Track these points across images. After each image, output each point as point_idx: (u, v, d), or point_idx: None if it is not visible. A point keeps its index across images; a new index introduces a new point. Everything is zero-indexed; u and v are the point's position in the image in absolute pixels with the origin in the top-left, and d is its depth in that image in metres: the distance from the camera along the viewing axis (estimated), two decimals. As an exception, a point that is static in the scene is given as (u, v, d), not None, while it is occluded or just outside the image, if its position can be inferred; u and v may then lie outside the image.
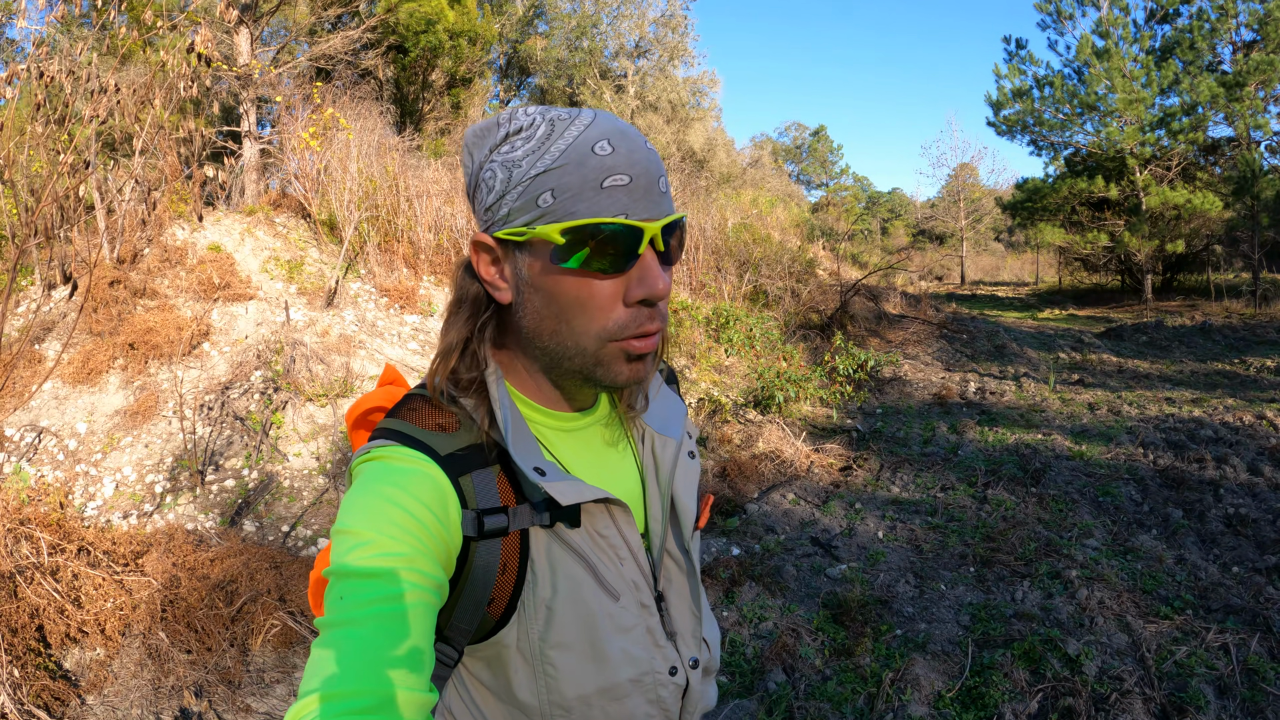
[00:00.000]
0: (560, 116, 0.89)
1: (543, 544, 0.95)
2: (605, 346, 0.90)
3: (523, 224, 0.88)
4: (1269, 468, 6.14)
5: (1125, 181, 25.16)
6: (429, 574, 0.83)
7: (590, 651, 0.95)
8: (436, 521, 0.86)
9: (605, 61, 27.08)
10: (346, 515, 0.84)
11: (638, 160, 0.87)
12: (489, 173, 0.91)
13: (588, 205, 0.85)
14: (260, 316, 7.35)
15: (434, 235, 10.05)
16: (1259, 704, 3.16)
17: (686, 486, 1.07)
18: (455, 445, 0.92)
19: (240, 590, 3.70)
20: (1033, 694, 3.23)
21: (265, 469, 5.80)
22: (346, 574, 0.80)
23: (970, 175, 45.57)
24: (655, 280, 0.88)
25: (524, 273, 0.91)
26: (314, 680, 0.73)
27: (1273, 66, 21.87)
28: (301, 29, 12.93)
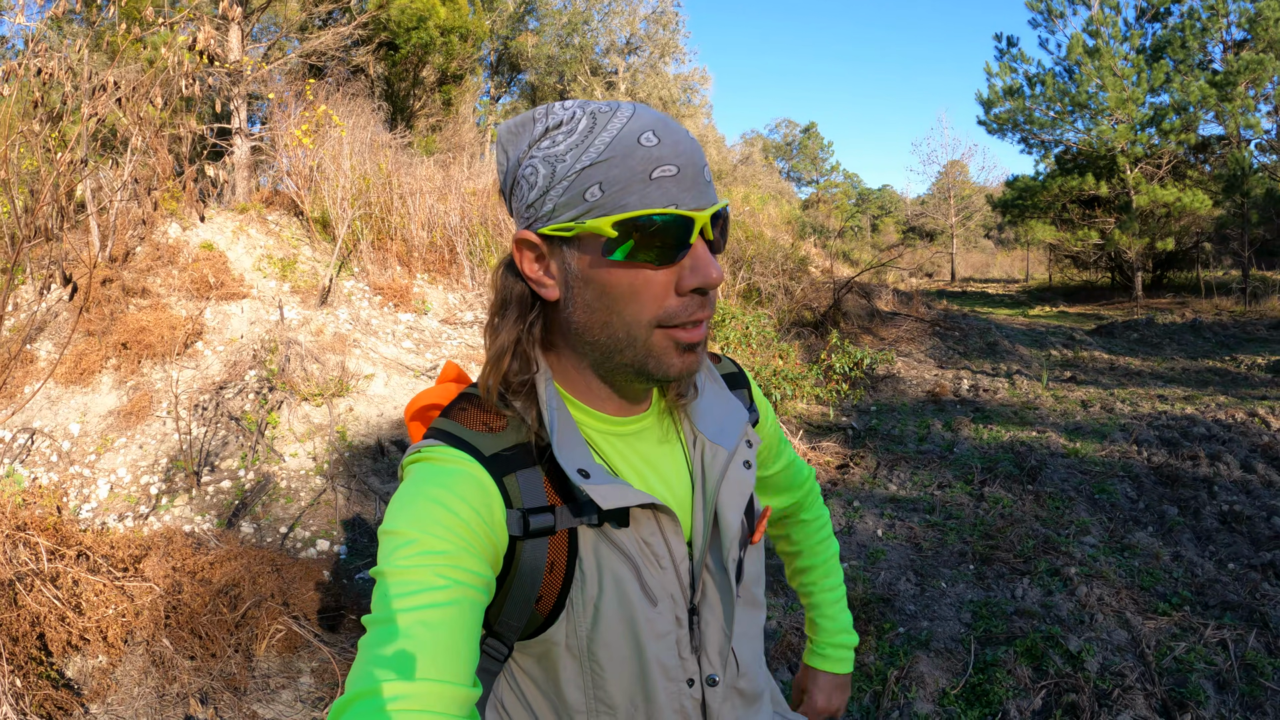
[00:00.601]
0: (601, 109, 0.88)
1: (590, 543, 0.95)
2: (655, 335, 0.90)
3: (570, 219, 0.88)
4: (1262, 465, 6.17)
5: (1116, 179, 25.25)
6: (474, 571, 0.84)
7: (634, 653, 0.97)
8: (480, 520, 0.87)
9: (596, 58, 27.07)
10: (392, 516, 0.86)
11: (683, 150, 0.87)
12: (529, 169, 0.90)
13: (638, 197, 0.85)
14: (254, 315, 7.32)
15: (427, 233, 10.02)
16: (1258, 699, 3.18)
17: (733, 499, 1.03)
18: (501, 445, 0.93)
19: (244, 595, 3.68)
20: (1036, 690, 3.24)
21: (261, 470, 5.77)
22: (392, 573, 0.82)
23: (960, 172, 45.72)
24: (709, 268, 0.88)
25: (573, 267, 0.91)
26: (357, 674, 0.76)
27: (1263, 66, 21.99)
28: (292, 25, 12.86)
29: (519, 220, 0.95)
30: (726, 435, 1.05)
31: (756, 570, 1.11)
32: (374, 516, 5.39)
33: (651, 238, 0.85)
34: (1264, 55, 22.31)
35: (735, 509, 1.02)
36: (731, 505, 1.02)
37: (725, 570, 1.02)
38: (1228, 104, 22.97)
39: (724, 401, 1.10)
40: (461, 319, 9.29)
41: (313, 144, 9.34)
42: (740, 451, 1.06)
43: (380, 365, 7.35)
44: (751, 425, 1.15)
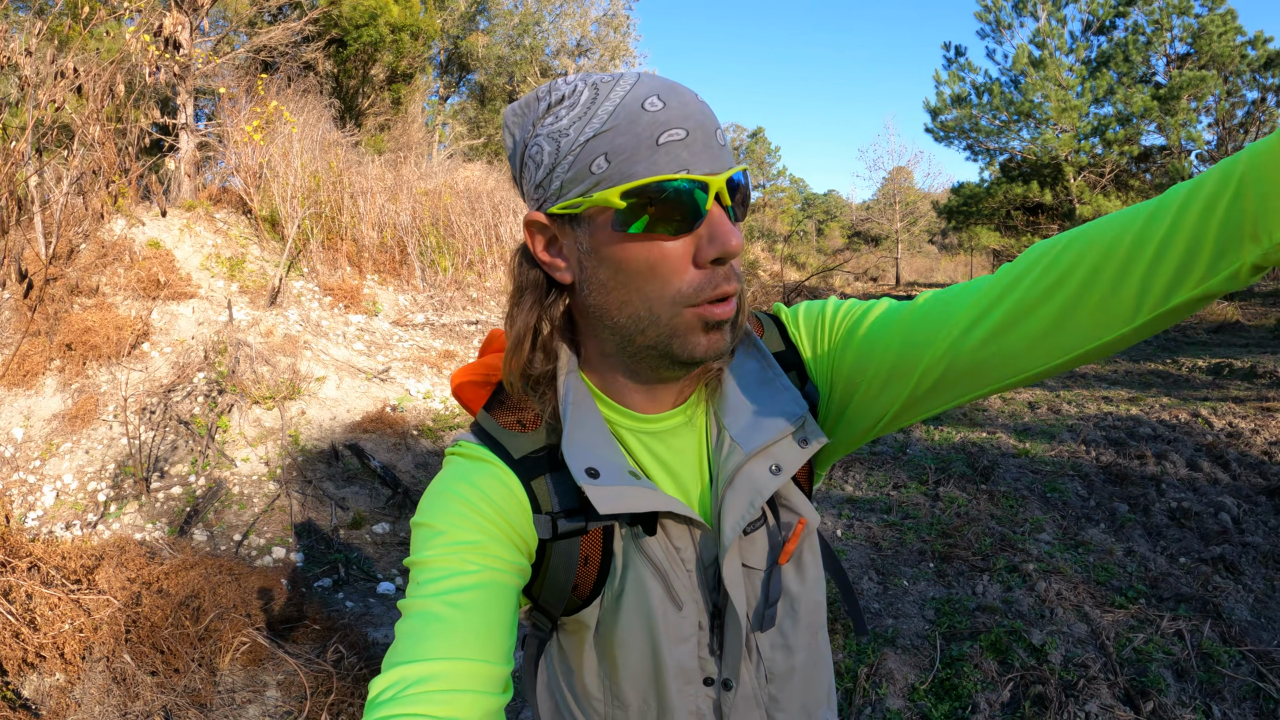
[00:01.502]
0: (603, 79, 0.84)
1: (623, 541, 0.94)
2: (681, 313, 0.85)
3: (578, 195, 0.84)
4: (1207, 463, 6.36)
5: (1060, 187, 25.92)
6: (503, 557, 0.86)
7: (649, 657, 0.95)
8: (506, 520, 0.88)
9: (546, 60, 26.95)
10: (423, 510, 0.88)
11: (691, 113, 0.82)
12: (535, 148, 0.87)
13: (645, 165, 0.80)
14: (202, 316, 7.15)
15: (378, 233, 9.90)
16: (1216, 686, 3.28)
17: (737, 506, 0.93)
18: (532, 446, 0.93)
19: (205, 607, 3.57)
20: (1004, 683, 3.29)
21: (213, 475, 5.63)
22: (423, 562, 0.84)
23: (906, 179, 46.39)
24: (728, 235, 0.83)
25: (585, 246, 0.87)
26: (393, 657, 0.78)
27: (1205, 81, 22.79)
28: (242, 20, 12.60)
29: (530, 203, 0.91)
30: (754, 433, 0.94)
31: (806, 583, 1.03)
32: (329, 523, 5.29)
33: (663, 206, 0.81)
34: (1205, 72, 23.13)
35: (736, 518, 0.93)
36: (734, 513, 0.93)
37: (736, 583, 0.96)
38: (1170, 116, 23.75)
39: (771, 391, 0.97)
40: (413, 321, 9.19)
41: (263, 140, 9.16)
42: (769, 453, 0.94)
43: (332, 367, 7.23)
44: (812, 415, 0.99)
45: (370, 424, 6.56)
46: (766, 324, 1.06)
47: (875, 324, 0.96)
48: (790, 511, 1.00)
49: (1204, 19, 24.39)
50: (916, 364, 0.90)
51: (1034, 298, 0.79)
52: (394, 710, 0.73)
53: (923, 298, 0.93)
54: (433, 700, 0.74)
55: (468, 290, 10.41)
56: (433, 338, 8.94)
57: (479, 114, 26.04)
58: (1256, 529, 5.05)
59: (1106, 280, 0.74)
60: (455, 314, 9.76)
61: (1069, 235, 0.79)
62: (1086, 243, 0.77)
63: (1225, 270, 0.67)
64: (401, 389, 7.35)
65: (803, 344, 1.04)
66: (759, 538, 0.98)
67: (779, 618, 1.01)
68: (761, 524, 0.98)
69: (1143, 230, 0.72)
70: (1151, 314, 0.73)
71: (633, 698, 0.98)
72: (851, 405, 0.99)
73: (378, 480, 5.86)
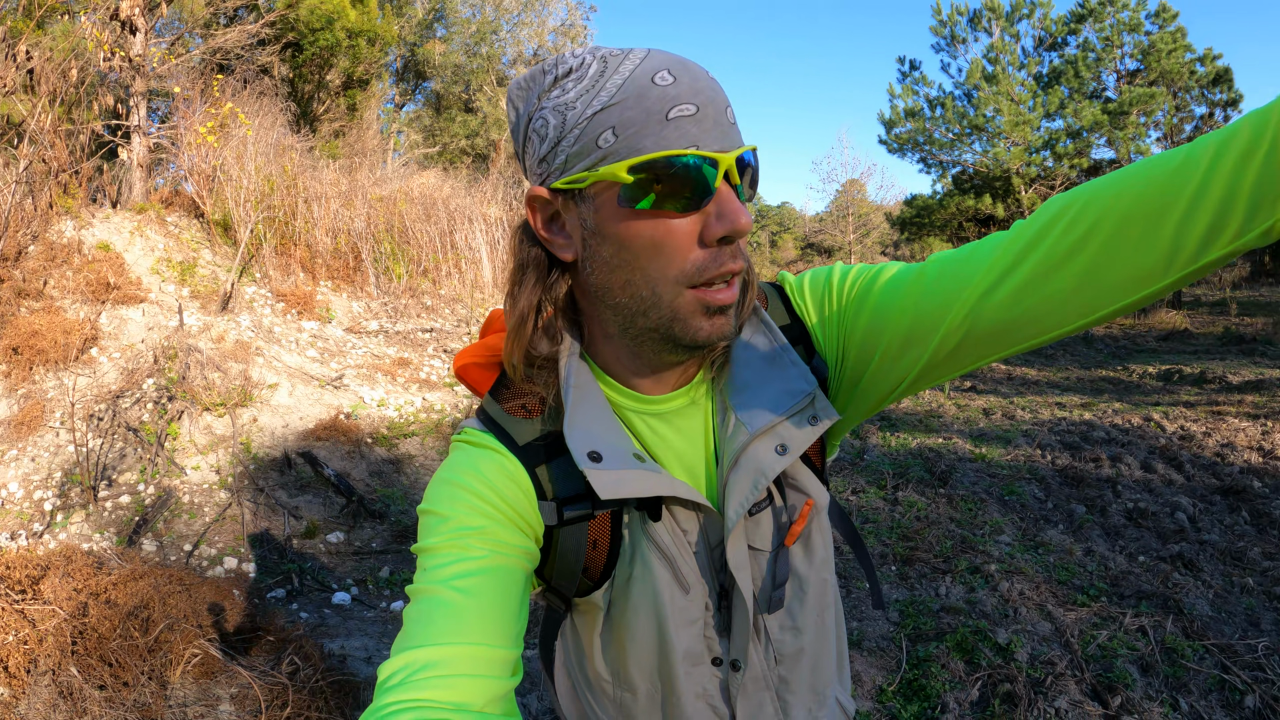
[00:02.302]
0: (612, 53, 0.82)
1: (632, 524, 0.94)
2: (683, 294, 0.83)
3: (583, 169, 0.81)
4: (1161, 465, 6.47)
5: (1011, 200, 26.44)
6: (510, 542, 0.86)
7: (656, 640, 0.96)
8: (511, 507, 0.88)
9: (503, 69, 26.88)
10: (429, 497, 0.88)
11: (702, 89, 0.80)
12: (539, 121, 0.84)
13: (654, 140, 0.78)
14: (152, 321, 6.96)
15: (332, 239, 9.75)
16: (1181, 679, 3.32)
17: (741, 486, 0.91)
18: (536, 432, 0.92)
19: (155, 618, 3.43)
20: (972, 682, 3.29)
21: (162, 484, 5.47)
22: (429, 549, 0.84)
23: (859, 191, 46.96)
24: (736, 213, 0.80)
25: (589, 222, 0.84)
26: (402, 641, 0.78)
27: (1154, 97, 23.42)
28: (197, 21, 12.38)
29: (532, 178, 0.89)
30: (760, 412, 0.92)
31: (814, 564, 1.02)
32: (282, 532, 5.16)
33: (671, 182, 0.78)
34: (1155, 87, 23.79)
35: (740, 499, 0.91)
36: (738, 494, 0.91)
37: (741, 565, 0.94)
38: (1119, 130, 24.37)
39: (778, 369, 0.94)
40: (366, 328, 9.05)
41: (218, 143, 8.98)
42: (775, 433, 0.92)
43: (284, 374, 7.09)
44: (822, 390, 0.96)
45: (324, 432, 6.43)
46: (770, 296, 1.03)
47: (887, 288, 0.92)
48: (798, 492, 0.98)
49: (1154, 36, 25.14)
50: (936, 328, 0.86)
51: (1060, 254, 0.76)
52: (402, 695, 0.73)
53: (934, 259, 0.89)
54: (440, 685, 0.74)
55: (422, 298, 10.29)
56: (387, 345, 8.81)
57: (434, 122, 25.87)
58: (1212, 527, 5.14)
59: (1136, 234, 0.71)
60: (410, 321, 9.63)
61: (1091, 187, 0.76)
62: (1113, 195, 0.73)
63: (1260, 226, 0.65)
64: (355, 396, 7.23)
65: (808, 314, 1.01)
66: (764, 519, 0.97)
67: (787, 599, 1.00)
68: (767, 505, 0.97)
69: (1172, 183, 0.68)
70: (1183, 271, 0.71)
71: (640, 681, 0.99)
72: (867, 374, 0.96)
73: (331, 489, 5.73)
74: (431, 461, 6.60)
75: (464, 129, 24.97)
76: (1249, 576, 4.38)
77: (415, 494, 6.04)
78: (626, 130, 0.78)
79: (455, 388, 8.03)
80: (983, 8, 26.79)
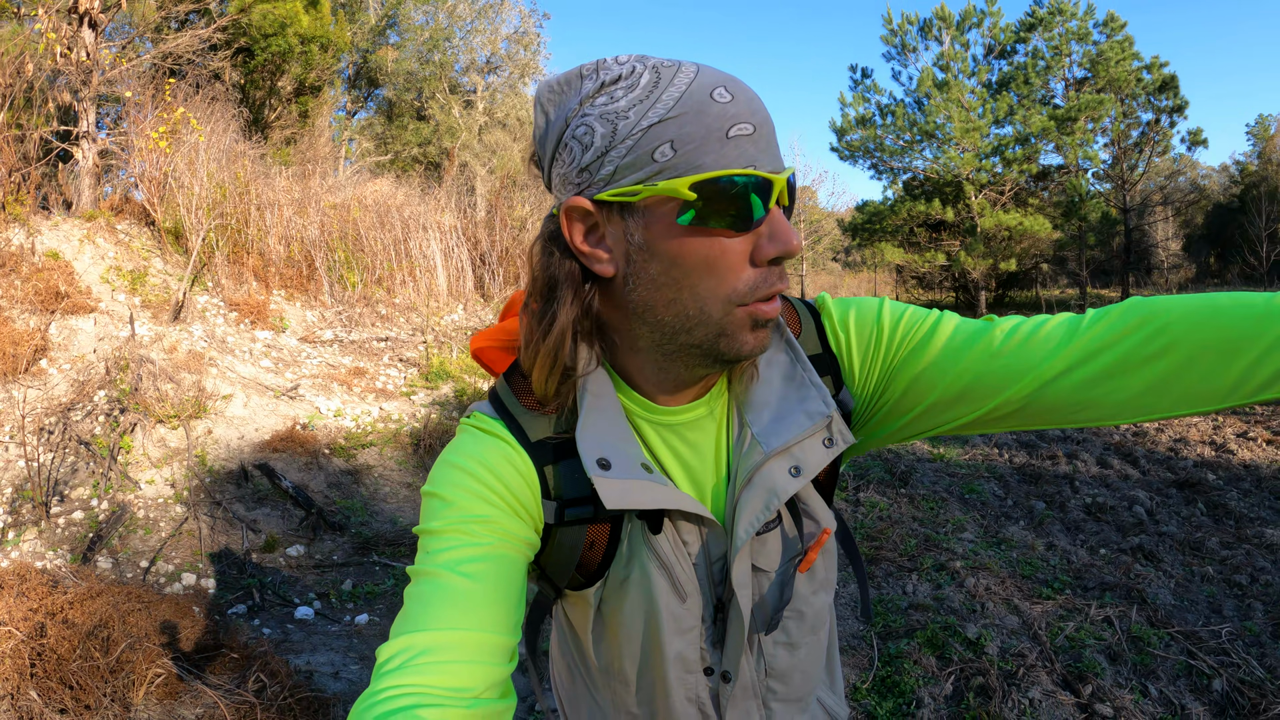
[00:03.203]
0: (664, 64, 0.80)
1: (630, 530, 0.93)
2: (732, 312, 0.82)
3: (636, 181, 0.78)
4: (1117, 460, 6.62)
5: (961, 205, 26.91)
6: (513, 531, 0.86)
7: (650, 643, 0.96)
8: (516, 498, 0.88)
9: (455, 76, 26.76)
10: (435, 480, 0.88)
11: (757, 109, 0.79)
12: (582, 128, 0.80)
13: (714, 157, 0.76)
14: (103, 331, 6.78)
15: (285, 247, 9.60)
16: (1149, 666, 3.41)
17: (753, 507, 0.91)
18: (549, 430, 0.91)
19: (115, 637, 3.32)
20: (945, 677, 3.32)
21: (116, 498, 5.31)
22: (432, 532, 0.84)
23: (810, 198, 47.49)
24: (789, 235, 0.80)
25: (636, 238, 0.81)
26: (401, 625, 0.78)
27: (1101, 104, 24.01)
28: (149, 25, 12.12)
29: (565, 187, 0.84)
30: (777, 431, 0.91)
31: (815, 588, 1.02)
32: (241, 546, 5.05)
33: (730, 202, 0.77)
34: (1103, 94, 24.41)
35: (750, 520, 0.91)
36: (748, 514, 0.90)
37: (744, 584, 0.94)
38: (1067, 136, 24.97)
39: (798, 389, 0.93)
40: (321, 337, 8.92)
41: (169, 149, 8.79)
42: (790, 454, 0.91)
43: (239, 385, 6.95)
44: (844, 411, 0.96)
45: (280, 443, 6.31)
46: (804, 318, 1.01)
47: (950, 345, 0.92)
48: (810, 519, 0.99)
49: (1102, 45, 25.85)
50: (996, 394, 0.88)
51: (1136, 361, 0.81)
52: (400, 679, 0.73)
53: (1001, 325, 0.91)
54: (439, 670, 0.74)
55: (377, 306, 10.17)
56: (342, 354, 8.69)
57: (386, 130, 25.65)
58: (1170, 519, 5.25)
59: (1209, 363, 0.78)
60: (364, 330, 9.51)
61: (1179, 305, 0.82)
62: (1197, 322, 0.79)
63: None
64: (311, 407, 7.11)
65: (847, 353, 0.99)
66: (771, 539, 0.96)
67: (785, 620, 1.01)
68: (775, 525, 0.96)
69: (1254, 329, 0.76)
70: (1243, 400, 0.78)
71: (633, 676, 1.00)
72: (905, 418, 0.97)
73: (290, 501, 5.63)
74: (390, 472, 6.51)
75: (416, 137, 24.80)
76: (1208, 565, 4.50)
77: (375, 505, 5.95)
78: (686, 145, 0.76)
79: (412, 397, 7.94)
80: (933, 17, 27.31)
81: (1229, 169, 46.21)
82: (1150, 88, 26.36)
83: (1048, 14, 26.76)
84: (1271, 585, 4.19)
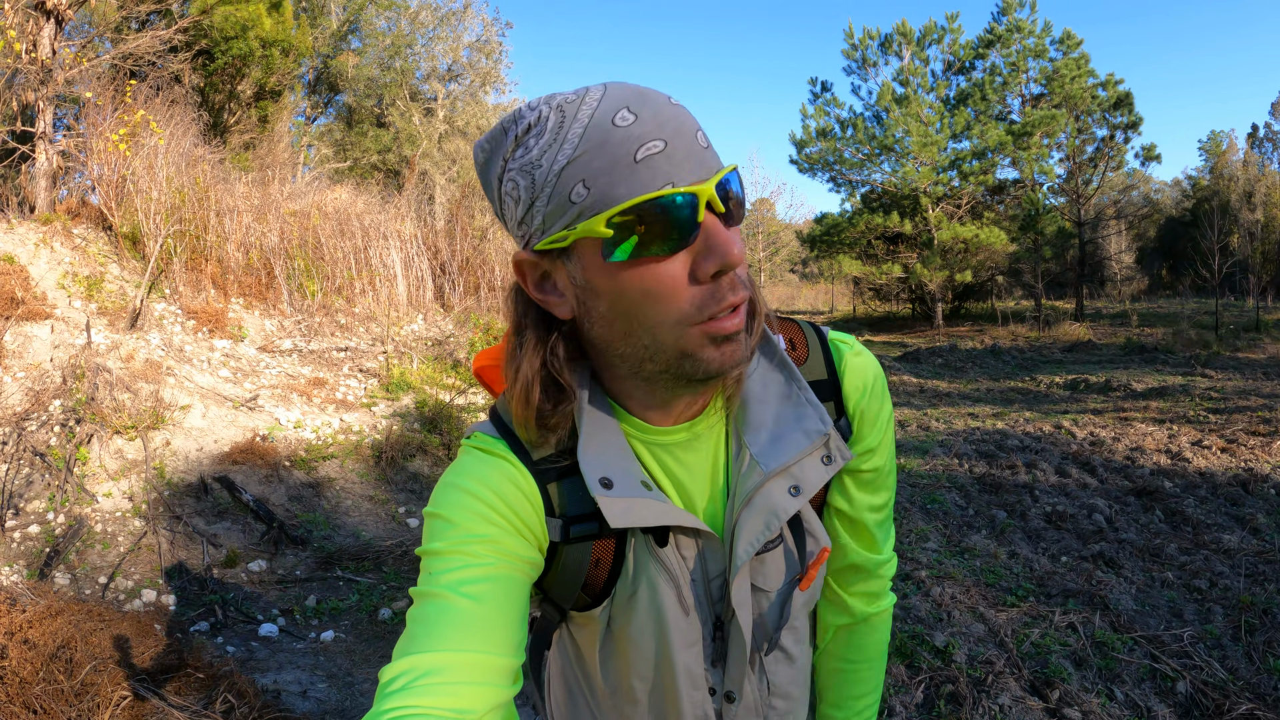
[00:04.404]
0: (568, 99, 0.78)
1: (637, 545, 0.94)
2: (685, 334, 0.80)
3: (562, 228, 0.78)
4: (1075, 469, 6.74)
5: (919, 217, 27.31)
6: (516, 552, 0.86)
7: (660, 656, 0.97)
8: (519, 518, 0.88)
9: (416, 83, 26.61)
10: (437, 501, 0.88)
11: (666, 120, 0.76)
12: (510, 184, 0.81)
13: (627, 186, 0.74)
14: (58, 338, 6.62)
15: (244, 254, 9.44)
16: (1115, 670, 3.48)
17: (753, 526, 0.92)
18: (551, 449, 0.92)
19: (79, 659, 3.23)
20: (915, 685, 3.35)
21: (73, 512, 5.18)
22: (435, 553, 0.84)
23: (769, 210, 47.85)
24: (727, 245, 0.77)
25: (578, 279, 0.82)
26: (404, 646, 0.78)
27: (1056, 119, 24.54)
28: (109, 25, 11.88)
29: (517, 241, 0.87)
30: (775, 451, 0.91)
31: (806, 601, 1.05)
32: (202, 562, 4.95)
33: (654, 226, 0.75)
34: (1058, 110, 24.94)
35: (750, 540, 0.92)
36: (748, 534, 0.91)
37: (744, 603, 0.96)
38: (1023, 151, 25.48)
39: (795, 408, 0.94)
40: (280, 347, 8.79)
41: (129, 152, 8.62)
42: (790, 474, 0.92)
43: (197, 395, 6.82)
44: (842, 436, 0.97)
45: (240, 455, 6.20)
46: (811, 342, 1.02)
47: (887, 485, 1.06)
48: (813, 538, 1.00)
49: (1058, 62, 26.47)
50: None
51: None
52: (404, 701, 0.73)
53: (887, 522, 1.09)
54: (443, 691, 0.74)
55: (336, 316, 10.03)
56: (301, 364, 8.56)
57: (346, 136, 25.39)
58: (1129, 526, 5.37)
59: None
60: (324, 340, 9.37)
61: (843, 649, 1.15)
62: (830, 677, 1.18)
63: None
64: (271, 418, 7.00)
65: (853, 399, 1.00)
66: (770, 559, 0.97)
67: (783, 638, 1.04)
68: (777, 544, 0.97)
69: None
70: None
71: (642, 694, 1.01)
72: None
73: (250, 514, 5.53)
74: (352, 485, 6.42)
75: (376, 144, 24.58)
76: (1168, 571, 4.60)
77: (337, 519, 5.87)
78: (597, 180, 0.75)
79: (373, 408, 7.85)
80: (894, 32, 27.76)
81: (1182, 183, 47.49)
82: (1105, 104, 27.00)
83: (1006, 31, 27.33)
84: (1230, 589, 4.30)
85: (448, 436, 7.45)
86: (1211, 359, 16.23)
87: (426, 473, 6.88)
